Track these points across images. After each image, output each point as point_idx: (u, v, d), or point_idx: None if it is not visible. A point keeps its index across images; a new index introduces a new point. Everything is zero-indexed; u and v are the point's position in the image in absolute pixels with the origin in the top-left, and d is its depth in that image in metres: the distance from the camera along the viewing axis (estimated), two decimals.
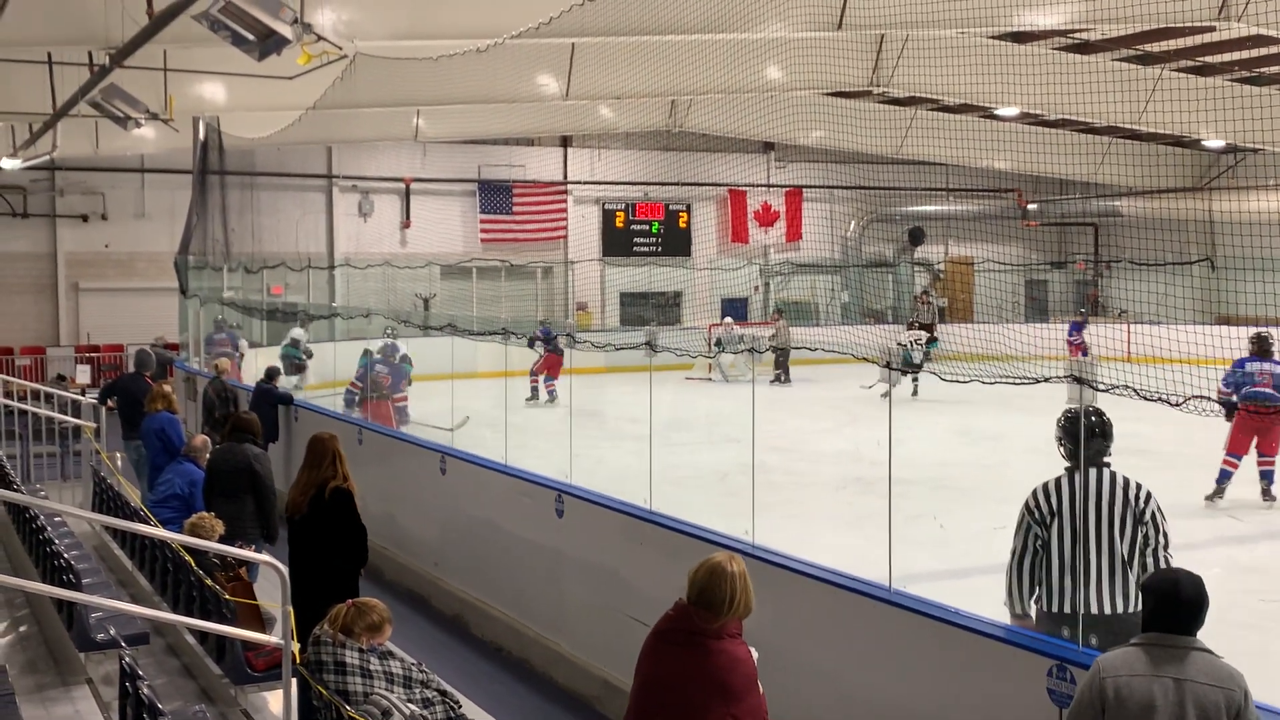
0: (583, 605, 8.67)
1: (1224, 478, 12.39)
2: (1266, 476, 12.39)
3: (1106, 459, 5.77)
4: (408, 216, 28.73)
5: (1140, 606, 5.04)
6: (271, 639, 6.47)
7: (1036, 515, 5.67)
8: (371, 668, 5.34)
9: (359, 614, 5.47)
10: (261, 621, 7.12)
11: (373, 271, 25.04)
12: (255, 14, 9.10)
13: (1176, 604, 4.14)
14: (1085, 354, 22.98)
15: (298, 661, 5.69)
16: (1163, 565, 5.47)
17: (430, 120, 22.00)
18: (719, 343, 23.77)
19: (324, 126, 19.57)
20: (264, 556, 6.84)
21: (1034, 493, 5.73)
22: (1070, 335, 25.24)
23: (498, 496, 9.93)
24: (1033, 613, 5.69)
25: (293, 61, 10.64)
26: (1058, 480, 5.72)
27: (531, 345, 18.60)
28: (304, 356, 19.79)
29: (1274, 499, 12.35)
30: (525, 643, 9.20)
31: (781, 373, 24.93)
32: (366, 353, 16.95)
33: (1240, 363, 12.56)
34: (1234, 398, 12.11)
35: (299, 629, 6.42)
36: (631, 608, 7.63)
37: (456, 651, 9.47)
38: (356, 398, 16.13)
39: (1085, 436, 5.63)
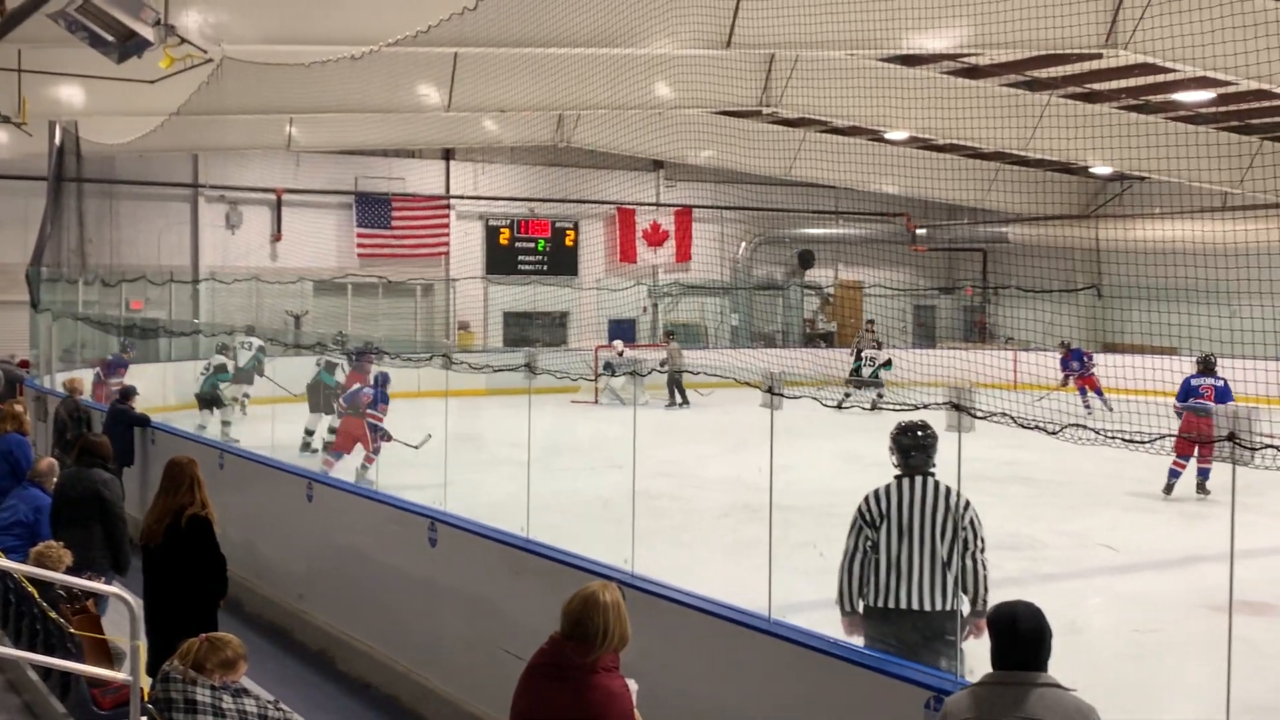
0: (456, 638, 8.59)
1: (1173, 475, 14.33)
2: (1203, 474, 14.28)
3: (931, 469, 6.41)
4: (279, 229, 28.27)
5: (956, 606, 6.09)
6: (119, 675, 6.30)
7: (867, 518, 6.37)
8: (224, 706, 5.22)
9: (212, 649, 5.34)
10: (110, 657, 6.92)
11: (240, 286, 24.64)
12: (115, 14, 8.94)
13: (1015, 638, 4.14)
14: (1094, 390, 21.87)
15: (146, 699, 5.53)
16: (980, 568, 6.17)
17: (304, 129, 21.73)
18: (607, 366, 23.86)
19: (190, 133, 19.22)
20: (113, 588, 6.65)
21: (865, 498, 6.41)
22: (1070, 365, 23.47)
23: (367, 525, 9.79)
24: (860, 609, 6.34)
25: (155, 64, 10.45)
26: (887, 487, 6.40)
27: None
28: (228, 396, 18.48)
29: (1208, 493, 14.18)
30: (394, 678, 9.07)
31: (680, 396, 25.12)
32: (329, 365, 16.60)
33: (1187, 381, 14.82)
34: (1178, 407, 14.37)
35: (153, 664, 6.26)
36: (507, 641, 7.57)
37: (320, 688, 9.30)
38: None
39: (913, 448, 6.41)
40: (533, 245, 31.23)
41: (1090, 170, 27.97)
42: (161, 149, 21.81)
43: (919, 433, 6.47)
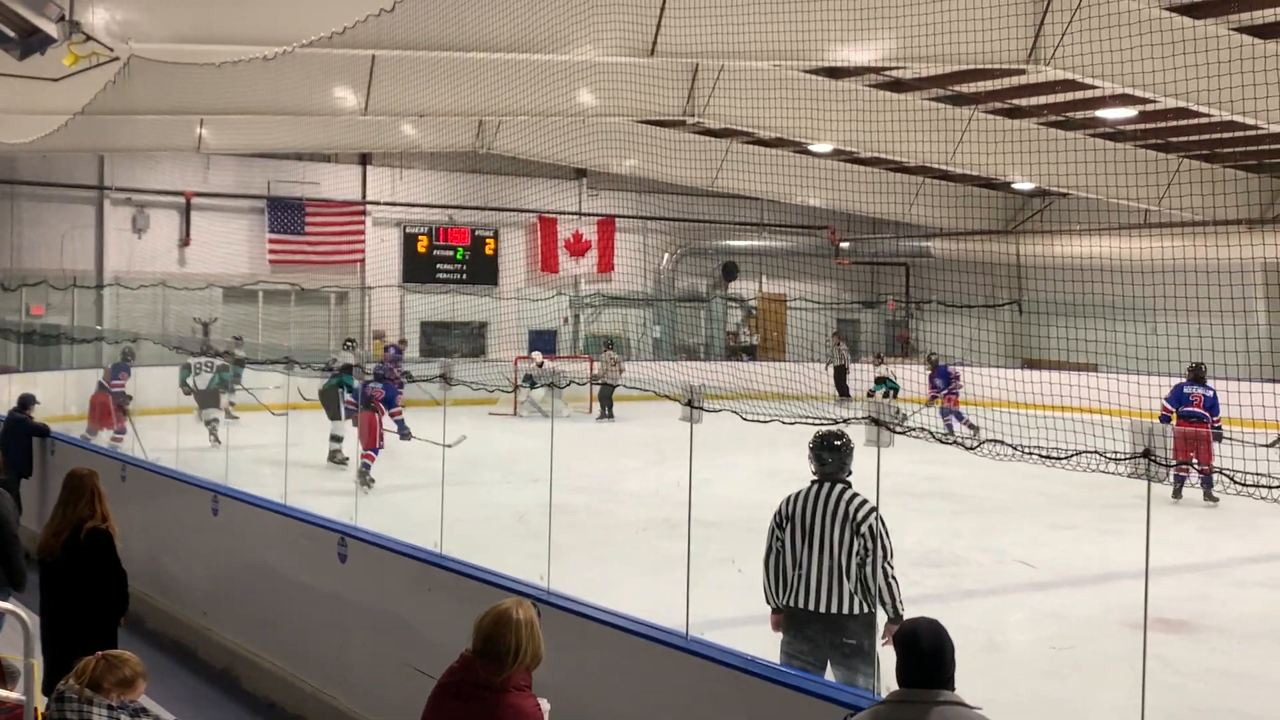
0: (366, 657, 8.50)
1: (1177, 480, 14.72)
2: (1207, 482, 14.53)
3: (845, 476, 6.70)
4: (188, 234, 27.84)
5: (857, 610, 6.34)
6: (13, 695, 6.15)
7: (777, 519, 6.71)
8: None
9: (109, 667, 5.23)
10: (3, 675, 6.76)
11: (146, 292, 24.23)
12: (17, 9, 8.75)
13: (916, 655, 4.15)
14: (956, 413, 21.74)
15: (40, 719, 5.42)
16: (881, 574, 6.36)
17: (215, 130, 21.44)
18: (528, 378, 23.80)
19: (96, 133, 18.87)
20: (7, 604, 6.51)
21: (784, 500, 6.72)
22: (935, 383, 23.35)
23: (276, 539, 9.66)
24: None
25: (59, 62, 10.26)
26: (801, 490, 6.71)
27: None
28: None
29: (1215, 500, 14.85)
30: (301, 698, 8.95)
31: (607, 409, 25.21)
32: (348, 368, 16.56)
33: (1179, 387, 15.64)
34: (1173, 415, 15.52)
35: (49, 684, 6.12)
36: (419, 659, 7.51)
37: (224, 708, 9.15)
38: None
39: (826, 454, 6.70)
40: (451, 253, 31.06)
41: (1013, 186, 28.45)
42: (66, 149, 21.39)
43: (835, 441, 6.73)
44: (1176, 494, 15.10)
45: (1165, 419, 15.72)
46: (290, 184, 28.82)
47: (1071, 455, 4.96)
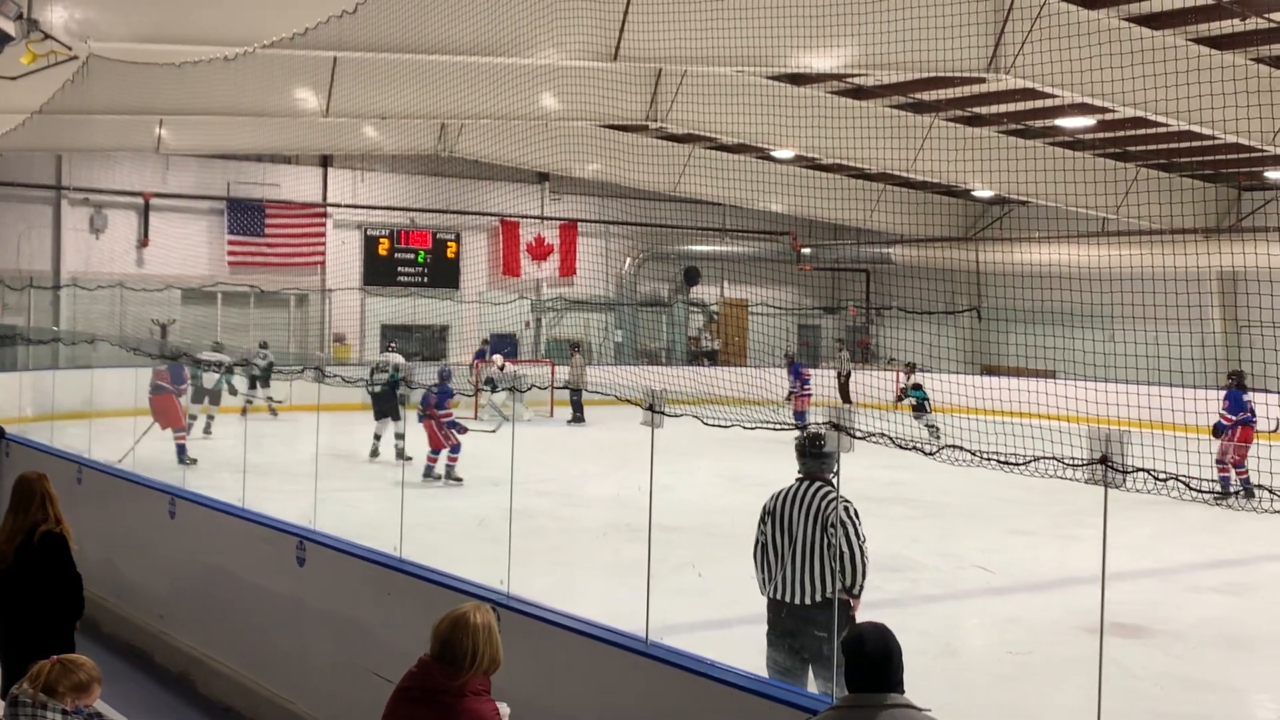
0: (324, 661, 8.45)
1: (1241, 483, 15.46)
2: (1245, 484, 15.30)
3: (830, 476, 6.85)
4: (146, 234, 27.59)
5: (825, 596, 6.58)
6: None
7: (763, 513, 6.96)
8: None
9: (64, 672, 5.18)
10: None
11: (103, 293, 24.01)
12: None
13: (863, 660, 4.17)
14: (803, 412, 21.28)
15: None
16: (849, 548, 6.56)
17: (174, 131, 21.26)
18: (489, 381, 23.75)
19: (53, 132, 18.67)
20: None
21: (770, 496, 6.98)
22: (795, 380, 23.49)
23: (233, 542, 9.60)
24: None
25: (17, 60, 10.17)
26: (787, 488, 6.93)
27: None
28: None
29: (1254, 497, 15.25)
30: (258, 702, 8.89)
31: (578, 412, 25.23)
32: (395, 367, 16.78)
33: (1236, 393, 16.21)
34: (1233, 420, 16.09)
35: (5, 689, 6.05)
36: (377, 663, 7.47)
37: (180, 713, 9.08)
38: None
39: (809, 455, 6.88)
40: (413, 256, 30.95)
41: (972, 193, 28.65)
42: (22, 148, 21.15)
43: (819, 442, 6.85)
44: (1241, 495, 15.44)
45: (1224, 428, 16.14)
46: (250, 185, 28.63)
47: (1030, 461, 4.99)
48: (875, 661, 4.15)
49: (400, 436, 16.96)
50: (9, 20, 9.13)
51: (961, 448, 5.24)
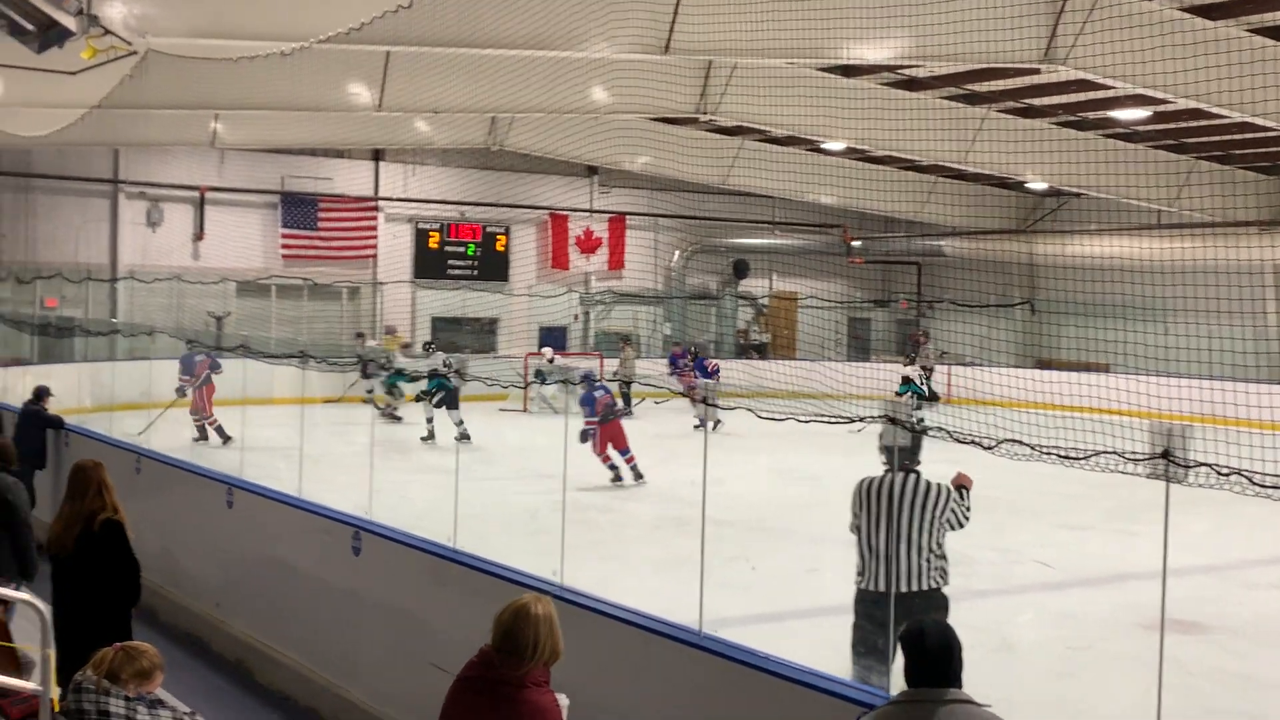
0: (379, 650, 8.51)
1: None
2: None
3: (917, 467, 6.98)
4: (201, 228, 27.89)
5: (931, 585, 6.71)
6: (28, 685, 6.18)
7: (854, 506, 7.00)
8: (139, 718, 5.13)
9: (126, 659, 5.25)
10: (18, 666, 6.79)
11: (160, 286, 24.26)
12: (36, 3, 8.79)
13: (923, 654, 4.15)
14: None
15: (57, 710, 5.44)
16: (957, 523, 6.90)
17: (230, 125, 21.48)
18: (539, 374, 23.80)
19: (110, 127, 18.91)
20: (23, 594, 6.53)
21: (857, 487, 6.98)
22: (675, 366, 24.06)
23: (290, 532, 9.69)
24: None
25: (76, 56, 10.29)
26: (877, 478, 6.97)
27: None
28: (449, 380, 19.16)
29: None
30: (314, 691, 8.97)
31: (625, 404, 25.23)
32: (447, 364, 17.23)
33: None
34: None
35: (62, 674, 6.14)
36: (432, 653, 7.52)
37: (238, 700, 9.18)
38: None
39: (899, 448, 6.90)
40: (463, 250, 31.07)
41: (1026, 185, 28.38)
42: (81, 143, 21.46)
43: (911, 434, 6.97)
44: None
45: None
46: (303, 179, 28.84)
47: (1090, 455, 4.95)
48: (936, 656, 4.12)
49: (460, 423, 17.87)
50: (69, 15, 9.24)
51: (1020, 442, 5.20)
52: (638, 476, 16.06)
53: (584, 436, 15.64)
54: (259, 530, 10.18)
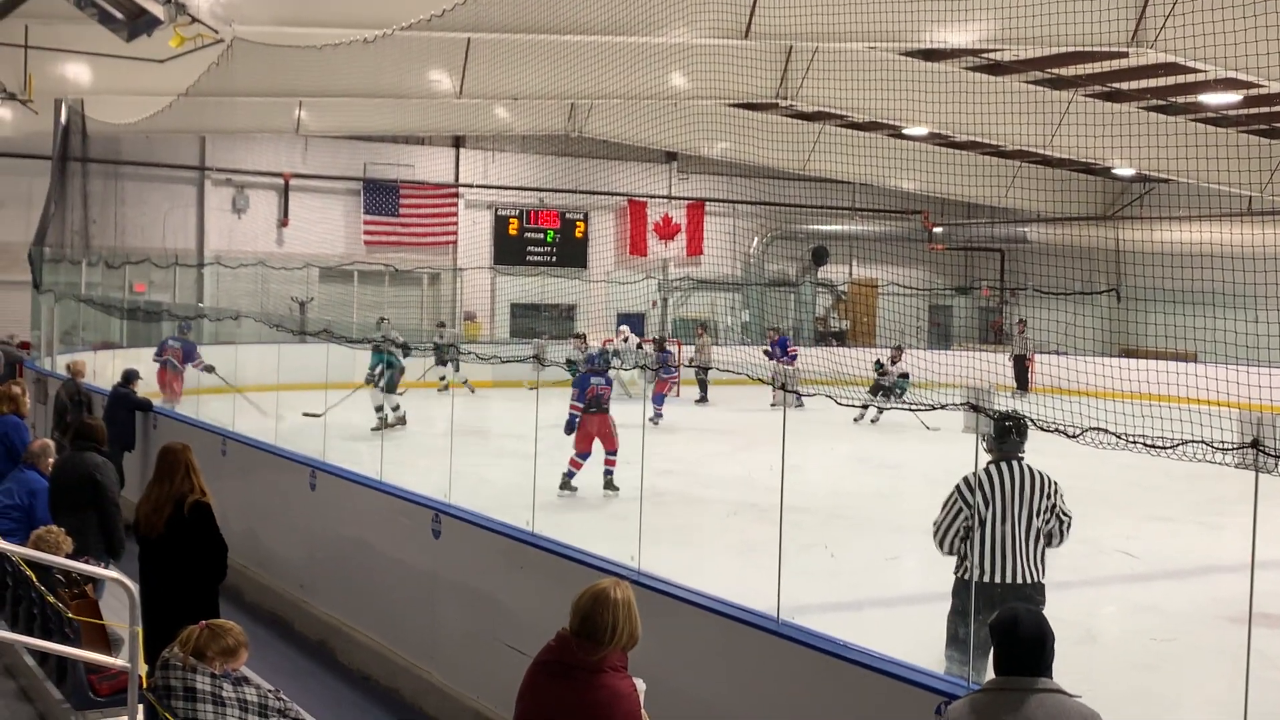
0: (458, 632, 8.60)
1: None
2: None
3: (1021, 454, 6.86)
4: (285, 214, 28.29)
5: (1037, 578, 6.59)
6: (117, 662, 6.32)
7: (967, 494, 6.73)
8: (224, 694, 5.23)
9: (213, 637, 5.35)
10: (107, 643, 6.94)
11: (245, 272, 24.64)
12: None
13: (1016, 643, 4.10)
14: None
15: (145, 686, 5.55)
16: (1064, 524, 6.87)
17: (313, 113, 21.73)
18: (615, 354, 23.85)
19: (197, 115, 19.25)
20: (113, 573, 6.66)
21: (964, 479, 6.75)
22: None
23: (371, 515, 9.81)
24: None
25: (164, 44, 10.47)
26: (989, 469, 6.77)
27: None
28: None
29: None
30: (395, 671, 9.09)
31: (703, 392, 25.17)
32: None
33: None
34: None
35: (150, 651, 6.26)
36: (509, 635, 7.59)
37: (320, 679, 9.32)
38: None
39: (1013, 434, 6.83)
40: (542, 236, 31.20)
41: (1112, 171, 27.89)
42: (168, 130, 21.85)
43: (1020, 422, 6.94)
44: None
45: None
46: (385, 166, 29.13)
47: (1177, 445, 4.86)
48: (1029, 645, 4.08)
49: (397, 408, 17.70)
50: (158, 4, 9.39)
51: (1107, 430, 5.11)
52: (609, 486, 13.68)
53: (570, 426, 13.71)
54: (341, 512, 10.32)
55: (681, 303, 32.45)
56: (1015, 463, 6.81)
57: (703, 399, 25.18)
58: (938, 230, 32.22)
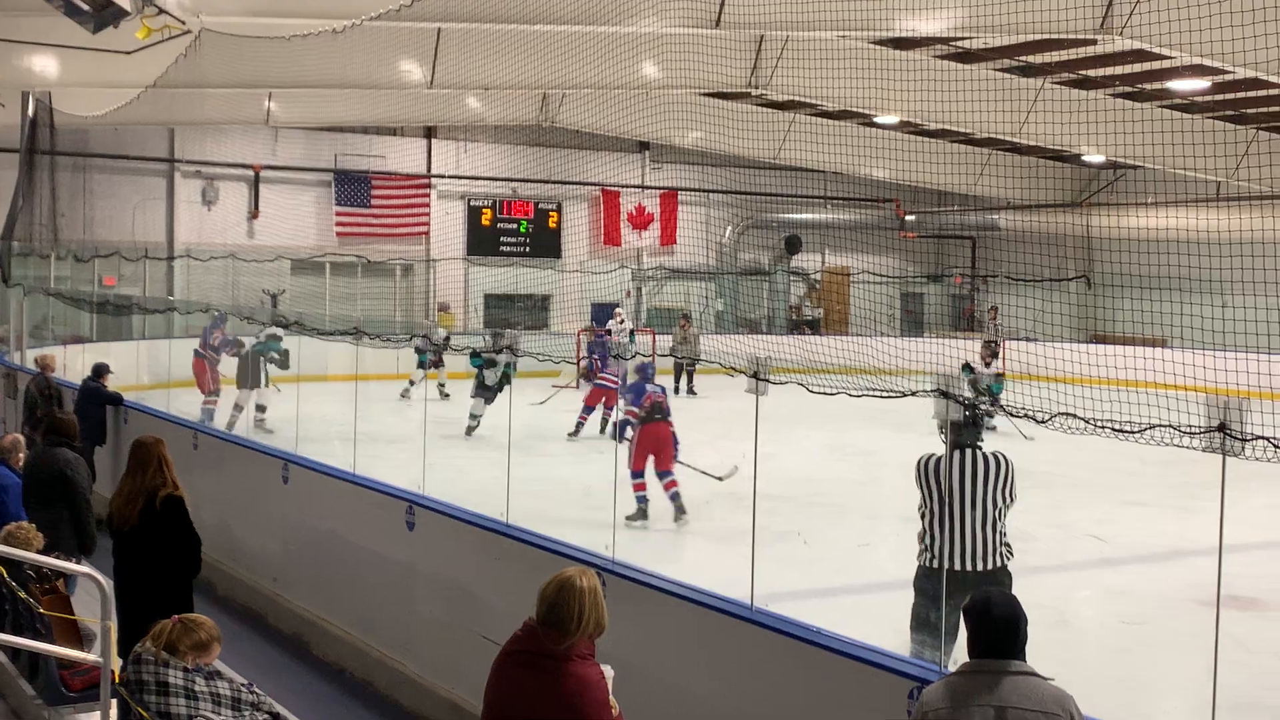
0: (433, 624, 8.59)
1: None
2: None
3: (980, 442, 6.83)
4: (256, 206, 28.15)
5: (999, 563, 6.57)
6: (90, 657, 6.29)
7: (924, 483, 6.77)
8: (197, 689, 5.21)
9: (185, 631, 5.33)
10: (80, 638, 6.92)
11: (216, 264, 24.53)
12: None
13: (989, 626, 4.13)
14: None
15: (117, 681, 5.53)
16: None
17: (283, 104, 21.61)
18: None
19: (166, 106, 19.08)
20: (84, 568, 6.64)
21: (919, 464, 6.80)
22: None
23: (345, 507, 9.78)
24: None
25: (132, 35, 10.40)
26: (941, 456, 6.74)
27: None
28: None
29: None
30: (370, 664, 9.07)
31: (687, 383, 25.00)
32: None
33: None
34: None
35: (123, 646, 6.24)
36: (485, 626, 7.58)
37: (294, 673, 9.30)
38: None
39: (966, 424, 6.68)
40: (515, 226, 31.14)
41: (1082, 158, 28.02)
42: (137, 122, 21.69)
43: (977, 411, 7.02)
44: None
45: None
46: (356, 157, 29.02)
47: (1145, 429, 4.89)
48: (1001, 627, 4.11)
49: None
50: None
51: (1074, 415, 5.14)
52: (680, 511, 12.35)
53: (622, 430, 12.54)
54: (315, 506, 10.29)
55: (656, 292, 32.47)
56: (972, 450, 6.79)
57: (690, 391, 24.90)
58: (909, 218, 32.31)
